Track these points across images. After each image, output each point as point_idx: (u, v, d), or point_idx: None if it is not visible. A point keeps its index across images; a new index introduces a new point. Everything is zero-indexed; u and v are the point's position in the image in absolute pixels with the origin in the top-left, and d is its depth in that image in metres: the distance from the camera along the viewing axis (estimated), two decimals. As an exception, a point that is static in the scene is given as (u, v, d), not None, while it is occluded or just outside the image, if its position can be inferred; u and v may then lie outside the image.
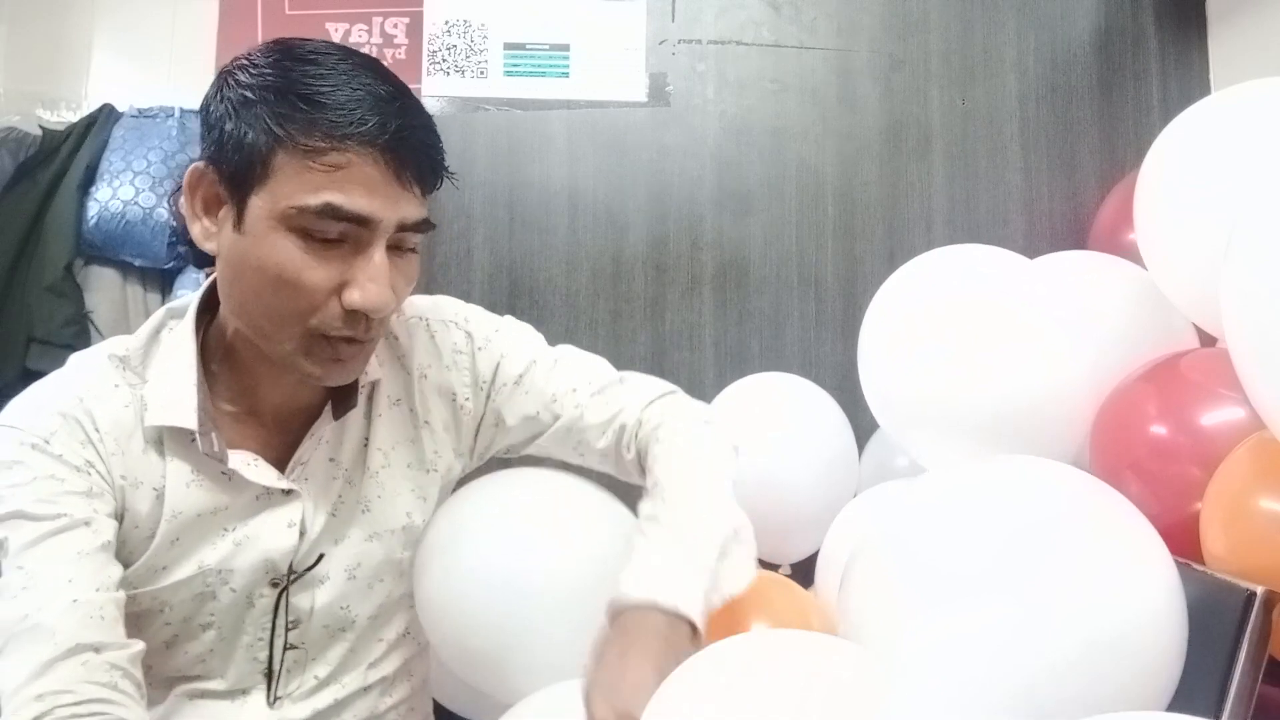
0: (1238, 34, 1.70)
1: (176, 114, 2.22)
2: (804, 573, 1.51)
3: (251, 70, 0.75)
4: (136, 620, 0.82)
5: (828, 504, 1.39)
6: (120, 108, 2.27)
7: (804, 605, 1.06)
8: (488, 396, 0.95)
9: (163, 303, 2.22)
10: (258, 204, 0.74)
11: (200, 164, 0.77)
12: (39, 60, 2.46)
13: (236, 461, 0.82)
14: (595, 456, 0.97)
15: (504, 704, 0.90)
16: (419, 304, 0.98)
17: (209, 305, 0.85)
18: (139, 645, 0.75)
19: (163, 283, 2.21)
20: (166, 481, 0.81)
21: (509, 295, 1.70)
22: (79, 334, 2.11)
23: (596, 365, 0.99)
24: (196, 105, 2.37)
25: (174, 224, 2.11)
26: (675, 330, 1.70)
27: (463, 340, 0.95)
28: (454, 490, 0.99)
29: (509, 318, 1.02)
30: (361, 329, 0.77)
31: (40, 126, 2.31)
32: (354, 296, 0.75)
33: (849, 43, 1.76)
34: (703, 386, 1.62)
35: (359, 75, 0.75)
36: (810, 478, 1.44)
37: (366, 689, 0.95)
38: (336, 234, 0.74)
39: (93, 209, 2.11)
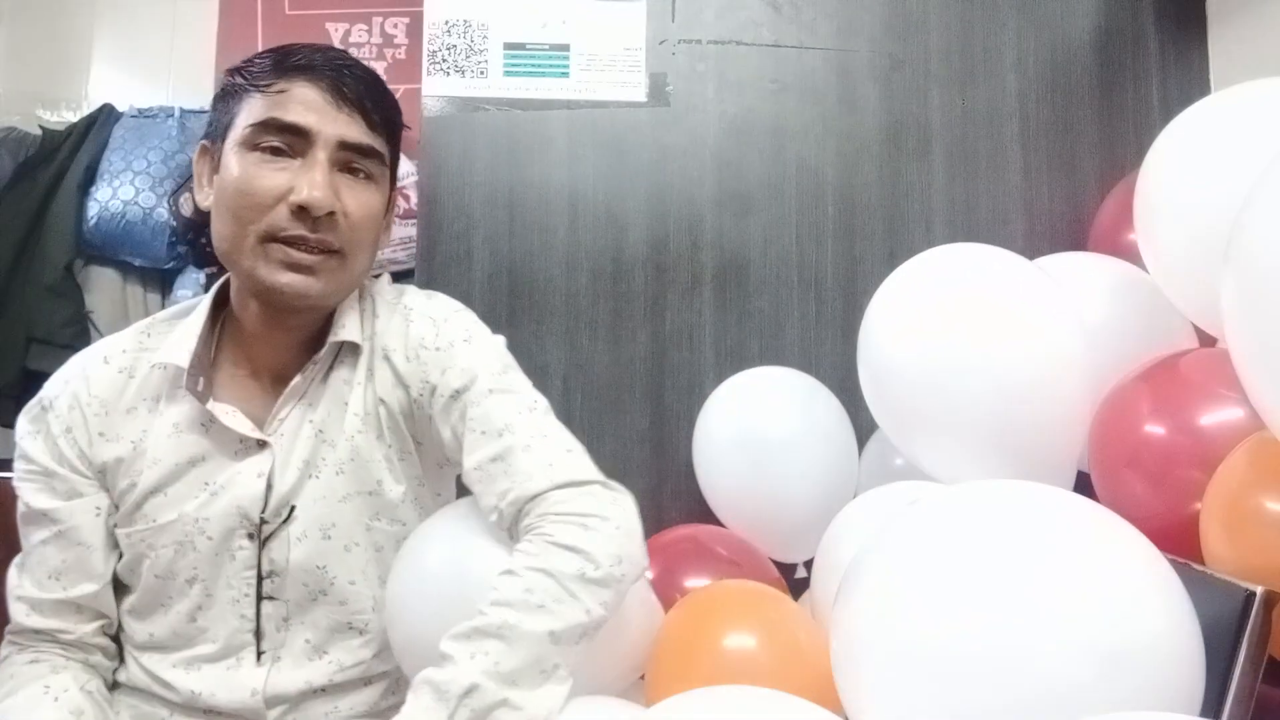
0: (1238, 34, 1.70)
1: (176, 114, 2.21)
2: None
3: (244, 63, 0.95)
4: (129, 566, 0.95)
5: (827, 504, 1.39)
6: (120, 108, 2.27)
7: (792, 618, 1.05)
8: (429, 401, 0.97)
9: (163, 302, 2.22)
10: (227, 146, 0.92)
11: (204, 143, 0.96)
12: (39, 60, 2.46)
13: (216, 408, 0.93)
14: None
15: None
16: (415, 297, 1.03)
17: (228, 288, 1.00)
18: (71, 635, 0.93)
19: (163, 283, 2.21)
20: (148, 436, 0.94)
21: (509, 295, 1.69)
22: (79, 334, 2.11)
23: (526, 421, 0.92)
24: (196, 105, 2.38)
25: (174, 224, 2.11)
26: (675, 330, 1.70)
27: (431, 338, 0.97)
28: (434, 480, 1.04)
29: (497, 337, 1.01)
30: (307, 226, 0.89)
31: (40, 126, 2.31)
32: (296, 195, 0.88)
33: (849, 43, 1.76)
34: (702, 386, 1.62)
35: (327, 50, 0.93)
36: (810, 473, 1.44)
37: (367, 681, 0.96)
38: (281, 143, 0.89)
39: (93, 209, 2.11)
